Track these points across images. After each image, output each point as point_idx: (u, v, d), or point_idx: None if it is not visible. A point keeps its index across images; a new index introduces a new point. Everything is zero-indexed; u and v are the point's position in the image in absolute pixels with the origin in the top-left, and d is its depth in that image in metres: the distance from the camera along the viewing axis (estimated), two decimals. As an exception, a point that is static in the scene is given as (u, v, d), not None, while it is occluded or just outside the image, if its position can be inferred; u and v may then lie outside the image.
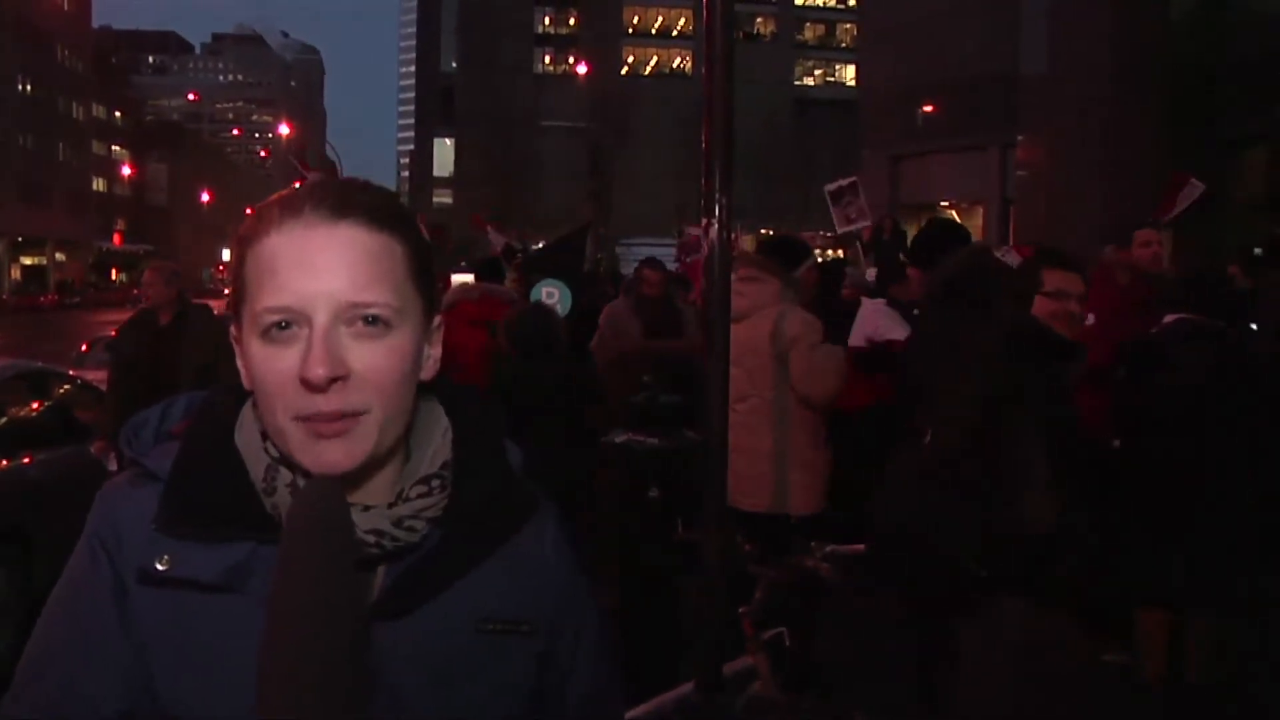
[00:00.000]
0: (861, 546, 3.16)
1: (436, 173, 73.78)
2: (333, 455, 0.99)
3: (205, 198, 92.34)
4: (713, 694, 2.55)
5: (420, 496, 1.06)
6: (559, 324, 4.88)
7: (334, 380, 0.97)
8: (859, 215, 9.45)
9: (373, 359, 1.00)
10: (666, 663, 3.38)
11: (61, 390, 6.69)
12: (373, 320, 1.00)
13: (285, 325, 0.99)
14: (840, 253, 26.10)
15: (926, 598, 4.13)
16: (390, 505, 1.05)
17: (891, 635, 4.58)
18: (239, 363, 1.05)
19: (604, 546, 3.76)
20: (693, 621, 2.65)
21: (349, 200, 1.03)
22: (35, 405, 6.32)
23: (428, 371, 1.09)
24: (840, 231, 9.37)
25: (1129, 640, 4.55)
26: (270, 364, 0.99)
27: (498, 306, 5.82)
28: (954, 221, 5.53)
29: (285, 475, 1.03)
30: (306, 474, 1.01)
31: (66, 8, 73.38)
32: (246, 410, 1.08)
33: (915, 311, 6.16)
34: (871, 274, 8.64)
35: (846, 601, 4.02)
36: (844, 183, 9.72)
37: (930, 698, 4.19)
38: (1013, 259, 6.66)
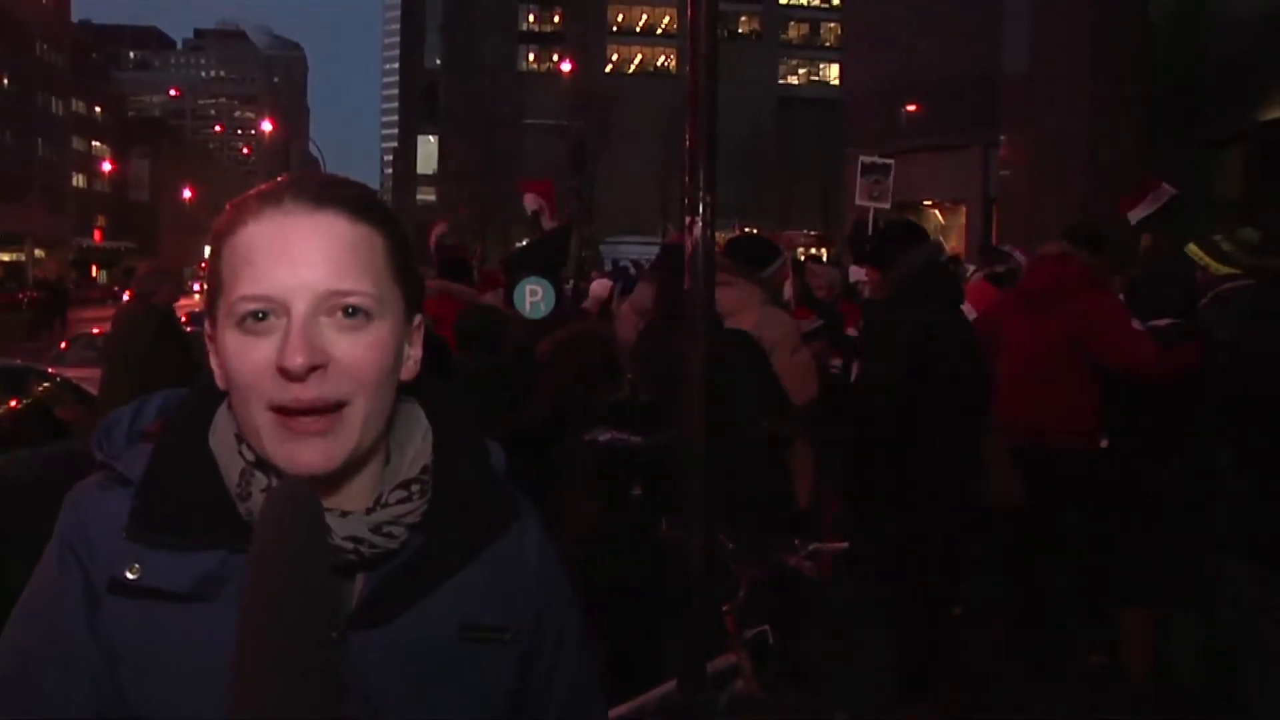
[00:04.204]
0: (845, 544, 3.16)
1: (420, 170, 73.51)
2: (309, 456, 0.96)
3: (187, 194, 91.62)
4: (696, 692, 2.55)
5: (400, 502, 1.03)
6: (503, 322, 4.90)
7: (313, 369, 0.94)
8: (882, 196, 9.43)
9: (353, 349, 0.97)
10: (649, 661, 3.39)
11: (41, 388, 6.64)
12: (353, 311, 0.98)
13: (262, 315, 0.96)
14: (824, 251, 26.15)
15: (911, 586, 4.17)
16: (369, 511, 1.02)
17: (875, 632, 4.61)
18: (212, 361, 1.02)
19: (586, 545, 3.76)
20: (676, 619, 2.65)
21: (329, 191, 1.01)
22: (14, 403, 6.27)
23: (408, 372, 1.06)
24: (858, 203, 9.36)
25: (1112, 642, 4.59)
26: (247, 355, 0.96)
27: (456, 306, 5.79)
28: (911, 222, 5.52)
29: (261, 479, 1.00)
30: (282, 476, 0.98)
31: (45, 2, 72.71)
32: (221, 411, 1.05)
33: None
34: (855, 272, 8.65)
35: (830, 598, 4.03)
36: (880, 160, 9.69)
37: (912, 694, 4.22)
38: (1020, 259, 6.67)
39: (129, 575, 0.98)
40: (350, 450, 0.98)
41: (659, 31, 70.65)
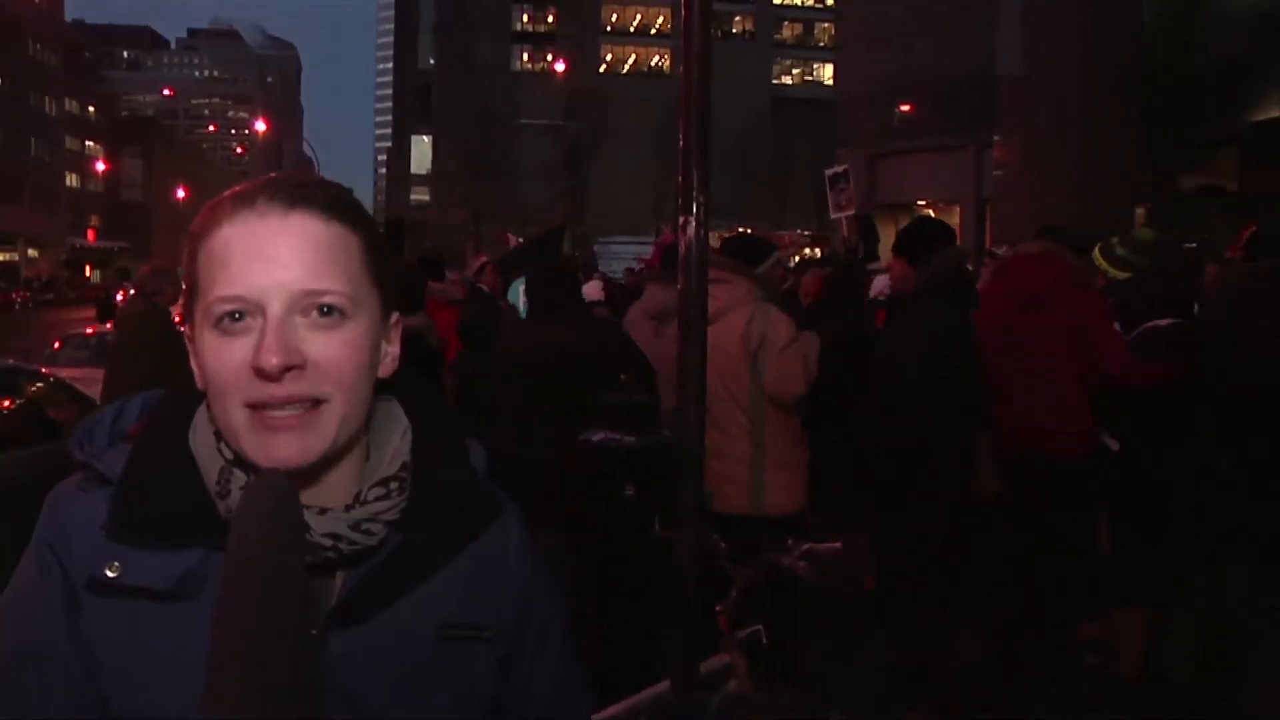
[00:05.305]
0: (839, 545, 3.16)
1: (414, 170, 73.54)
2: (286, 450, 0.97)
3: (181, 194, 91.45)
4: (688, 692, 2.55)
5: (378, 499, 1.04)
6: (500, 318, 4.98)
7: (288, 370, 0.95)
8: (849, 203, 9.52)
9: (328, 349, 0.98)
10: (643, 661, 3.38)
11: (34, 388, 6.63)
12: (327, 310, 0.98)
13: (238, 316, 0.97)
14: (818, 251, 26.16)
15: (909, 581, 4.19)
16: (347, 508, 1.02)
17: (871, 632, 4.61)
18: (192, 361, 1.02)
19: (579, 545, 3.76)
20: (668, 620, 2.65)
21: (303, 191, 1.01)
22: (7, 403, 6.26)
23: (385, 369, 1.07)
24: (832, 218, 9.46)
25: (1106, 640, 4.60)
26: (223, 355, 0.97)
27: (435, 306, 5.84)
28: (942, 222, 5.58)
29: (240, 478, 1.00)
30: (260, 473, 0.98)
31: (38, 1, 72.57)
32: (201, 411, 1.05)
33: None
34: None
35: (823, 599, 4.03)
36: (839, 169, 9.82)
37: (911, 694, 4.22)
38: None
39: (108, 574, 0.98)
40: (326, 446, 0.99)
41: (653, 31, 70.60)
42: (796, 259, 17.36)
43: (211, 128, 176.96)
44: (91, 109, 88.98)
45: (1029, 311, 4.49)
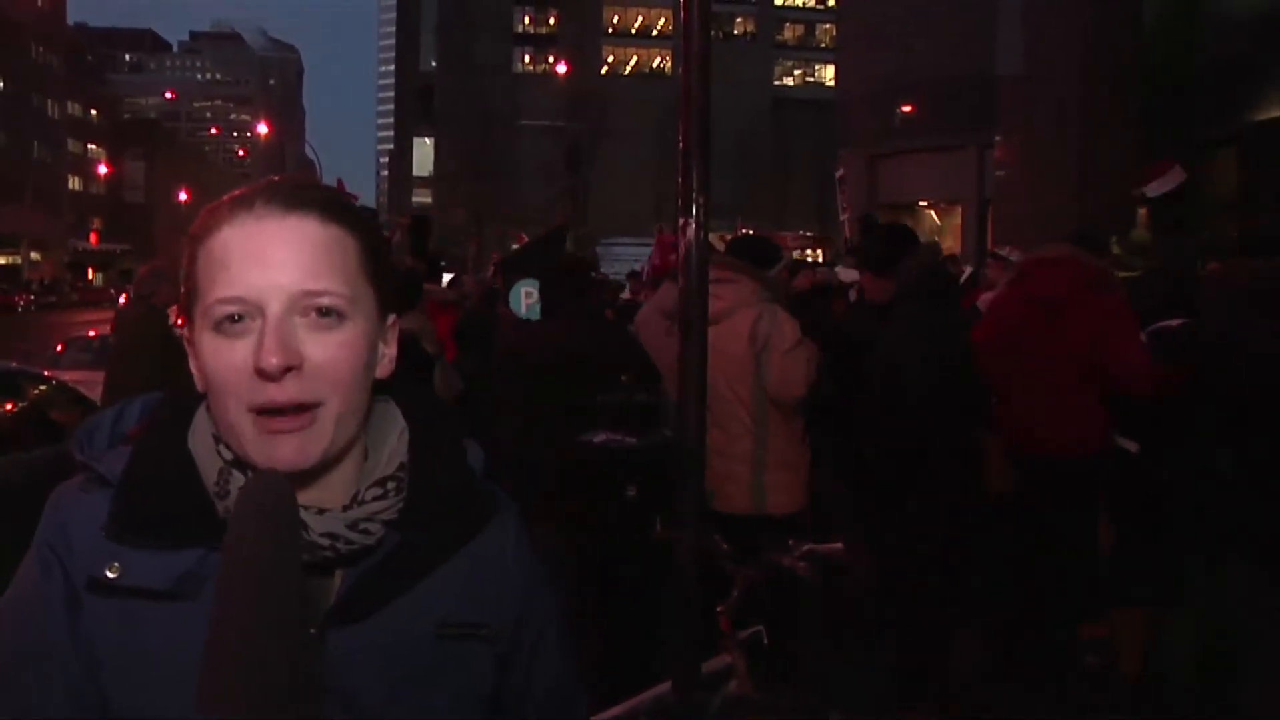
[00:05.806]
0: (840, 545, 3.16)
1: (416, 172, 73.52)
2: (285, 452, 0.98)
3: (183, 196, 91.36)
4: (689, 693, 2.55)
5: (376, 499, 1.05)
6: (495, 321, 5.03)
7: (288, 370, 0.96)
8: (847, 205, 9.63)
9: (326, 349, 0.99)
10: (643, 661, 3.38)
11: (36, 391, 6.64)
12: (325, 311, 0.99)
13: (238, 318, 0.98)
14: (820, 253, 26.16)
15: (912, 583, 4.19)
16: (345, 508, 1.03)
17: (869, 632, 4.61)
18: (191, 364, 1.03)
19: (579, 545, 3.76)
20: (669, 620, 2.65)
21: (300, 194, 1.03)
22: (9, 406, 6.27)
23: (383, 370, 1.08)
24: (841, 218, 9.59)
25: (1106, 640, 4.60)
26: (223, 356, 0.98)
27: (434, 308, 5.86)
28: (906, 226, 5.57)
29: (238, 478, 1.01)
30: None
31: (40, 4, 72.64)
32: (200, 413, 1.06)
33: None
34: (846, 274, 8.69)
35: (824, 599, 4.04)
36: (840, 172, 9.98)
37: (911, 694, 4.23)
38: (1016, 258, 6.67)
39: (108, 574, 0.99)
40: (325, 447, 1.00)
41: (654, 33, 70.63)
42: (794, 257, 17.37)
43: (213, 130, 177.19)
44: (94, 112, 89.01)
45: (1041, 316, 4.43)
